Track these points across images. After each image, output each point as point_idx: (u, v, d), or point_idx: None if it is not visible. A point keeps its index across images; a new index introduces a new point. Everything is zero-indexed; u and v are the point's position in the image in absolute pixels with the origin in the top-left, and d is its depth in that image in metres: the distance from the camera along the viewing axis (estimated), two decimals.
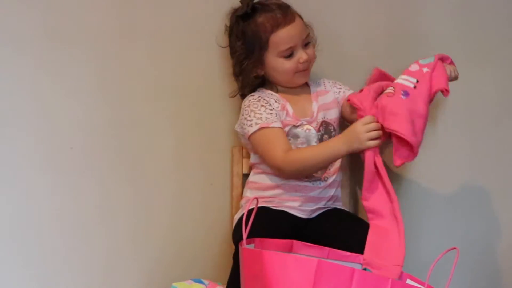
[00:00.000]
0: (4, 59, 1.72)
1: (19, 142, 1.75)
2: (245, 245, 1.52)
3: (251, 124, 1.79)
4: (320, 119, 1.85)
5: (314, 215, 1.87)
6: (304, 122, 1.84)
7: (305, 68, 1.84)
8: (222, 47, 1.89)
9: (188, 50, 1.92)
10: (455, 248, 1.38)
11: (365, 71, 1.90)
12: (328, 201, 1.88)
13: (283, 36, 1.80)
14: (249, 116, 1.80)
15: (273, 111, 1.81)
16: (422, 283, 1.48)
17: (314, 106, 1.87)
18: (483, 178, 2.07)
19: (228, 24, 1.87)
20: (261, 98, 1.83)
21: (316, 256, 1.58)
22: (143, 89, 1.88)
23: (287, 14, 1.81)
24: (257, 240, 1.61)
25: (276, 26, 1.79)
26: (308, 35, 1.84)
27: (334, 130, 1.88)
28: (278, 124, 1.80)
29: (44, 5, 1.74)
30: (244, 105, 1.84)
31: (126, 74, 1.86)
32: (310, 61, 1.84)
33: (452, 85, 2.06)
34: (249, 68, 1.84)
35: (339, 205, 1.92)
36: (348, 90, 1.91)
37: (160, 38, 1.89)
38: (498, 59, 2.04)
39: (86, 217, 1.84)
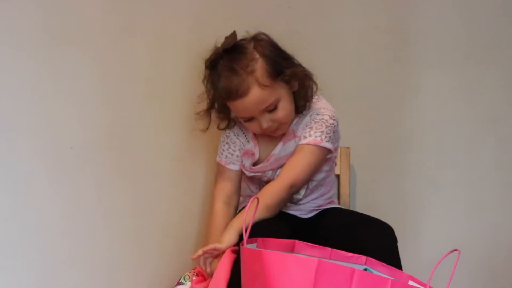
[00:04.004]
0: (3, 58, 1.71)
1: (18, 142, 1.74)
2: (245, 245, 1.52)
3: (218, 152, 1.90)
4: (277, 163, 1.83)
5: (310, 215, 1.88)
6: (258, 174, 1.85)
7: (274, 129, 1.76)
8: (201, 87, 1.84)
9: (188, 49, 1.92)
10: (457, 250, 1.38)
11: (365, 71, 1.90)
12: (323, 202, 1.88)
13: (235, 107, 1.73)
14: (220, 143, 1.90)
15: (236, 152, 1.86)
16: (423, 285, 1.49)
17: (277, 148, 1.83)
18: (483, 178, 2.07)
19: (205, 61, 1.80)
20: (231, 136, 1.86)
21: (317, 257, 1.58)
22: (143, 89, 1.88)
23: (241, 87, 1.68)
24: (260, 239, 1.62)
25: (228, 96, 1.71)
26: (274, 100, 1.71)
27: None
28: (235, 167, 1.87)
29: (44, 4, 1.74)
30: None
31: (126, 74, 1.86)
32: (280, 123, 1.76)
33: (452, 84, 2.07)
34: (220, 114, 1.83)
35: (335, 204, 1.92)
36: (305, 138, 1.78)
37: (160, 38, 1.89)
38: (498, 59, 2.05)
39: (86, 216, 1.84)
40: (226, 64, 1.72)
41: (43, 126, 1.77)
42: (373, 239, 1.67)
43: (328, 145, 1.78)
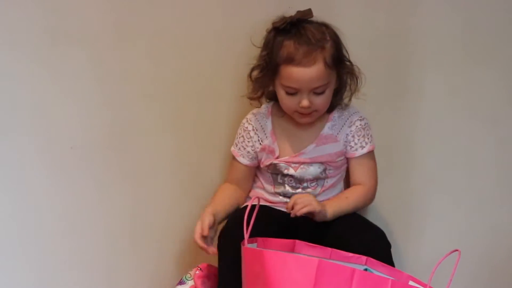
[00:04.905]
0: (3, 58, 1.71)
1: (19, 142, 1.75)
2: (246, 245, 1.52)
3: (234, 142, 1.90)
4: (304, 160, 1.83)
5: None
6: (283, 165, 1.84)
7: (306, 113, 1.76)
8: (256, 46, 1.83)
9: (188, 49, 1.92)
10: (457, 250, 1.38)
11: (365, 71, 1.89)
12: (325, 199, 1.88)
13: (291, 73, 1.70)
14: (237, 134, 1.89)
15: (248, 147, 1.86)
16: (424, 285, 1.49)
17: (310, 148, 1.83)
18: (483, 178, 2.07)
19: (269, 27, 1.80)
20: (248, 130, 1.86)
21: (318, 256, 1.59)
22: (143, 89, 1.88)
23: (308, 56, 1.69)
24: (260, 239, 1.62)
25: (290, 60, 1.70)
26: (326, 84, 1.73)
27: (325, 170, 1.85)
28: (244, 161, 1.87)
29: (44, 4, 1.74)
30: (242, 122, 1.89)
31: (126, 74, 1.86)
32: (315, 110, 1.76)
33: (453, 84, 2.07)
34: (262, 80, 1.80)
35: None
36: (362, 148, 1.84)
37: (160, 38, 1.88)
38: (498, 59, 2.04)
39: (86, 216, 1.84)
40: (300, 31, 1.73)
41: (43, 126, 1.77)
42: (365, 245, 1.67)
43: (374, 146, 1.87)
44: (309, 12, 1.77)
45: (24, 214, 1.76)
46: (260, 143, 1.85)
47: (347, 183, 1.92)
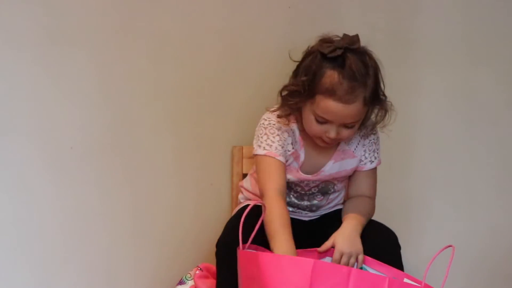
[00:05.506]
0: (4, 58, 1.72)
1: (19, 142, 1.76)
2: (241, 249, 1.51)
3: (260, 145, 1.73)
4: (324, 178, 1.79)
5: (314, 217, 1.87)
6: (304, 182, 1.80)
7: (330, 143, 1.71)
8: (294, 61, 1.73)
9: (188, 49, 1.92)
10: (451, 246, 1.38)
11: None
12: (328, 207, 1.88)
13: (329, 107, 1.62)
14: (262, 137, 1.74)
15: (285, 147, 1.74)
16: (419, 282, 1.48)
17: (328, 165, 1.78)
18: (482, 178, 2.07)
19: (310, 46, 1.70)
20: (282, 130, 1.74)
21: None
22: (143, 89, 1.88)
23: (350, 93, 1.61)
24: (260, 248, 1.58)
25: (331, 93, 1.61)
26: (358, 120, 1.66)
27: (334, 186, 1.83)
28: (283, 159, 1.73)
29: (44, 5, 1.75)
30: (262, 124, 1.75)
31: (126, 74, 1.86)
32: (339, 140, 1.72)
33: (452, 85, 2.06)
34: (295, 104, 1.70)
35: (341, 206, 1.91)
36: (371, 163, 1.81)
37: (160, 38, 1.89)
38: (498, 59, 2.04)
39: (86, 216, 1.85)
40: (345, 61, 1.63)
41: (43, 126, 1.78)
42: (377, 246, 1.66)
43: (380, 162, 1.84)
44: (357, 40, 1.67)
45: (24, 214, 1.77)
46: (292, 147, 1.76)
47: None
